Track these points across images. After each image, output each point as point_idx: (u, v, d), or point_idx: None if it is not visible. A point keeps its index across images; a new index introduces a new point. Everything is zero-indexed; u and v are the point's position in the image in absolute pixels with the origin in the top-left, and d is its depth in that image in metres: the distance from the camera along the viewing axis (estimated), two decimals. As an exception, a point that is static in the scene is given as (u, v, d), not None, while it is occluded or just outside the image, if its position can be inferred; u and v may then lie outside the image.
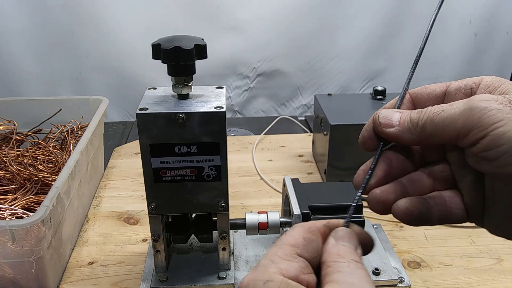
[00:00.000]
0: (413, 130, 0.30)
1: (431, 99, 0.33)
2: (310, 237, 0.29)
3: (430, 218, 0.31)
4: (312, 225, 0.30)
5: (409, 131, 0.30)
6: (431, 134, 0.29)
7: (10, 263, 0.54)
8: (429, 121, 0.29)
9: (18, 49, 1.15)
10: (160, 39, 0.48)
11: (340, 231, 0.29)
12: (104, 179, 0.86)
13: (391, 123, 0.31)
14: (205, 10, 1.15)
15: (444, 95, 0.33)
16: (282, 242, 0.29)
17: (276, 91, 1.29)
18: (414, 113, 0.30)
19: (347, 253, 0.28)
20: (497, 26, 1.25)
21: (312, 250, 0.28)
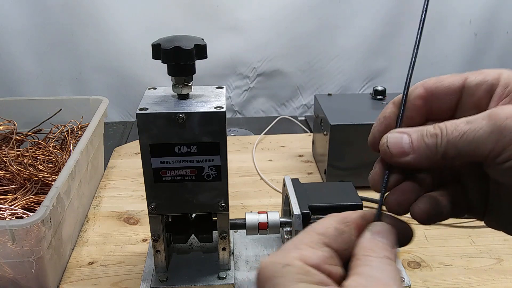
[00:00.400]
0: (431, 157, 0.27)
1: (449, 95, 0.30)
2: (343, 228, 0.28)
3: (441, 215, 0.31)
4: (347, 215, 0.28)
5: (426, 158, 0.27)
6: (453, 158, 0.27)
7: (10, 263, 0.54)
8: (451, 147, 0.26)
9: (18, 49, 1.15)
10: (160, 39, 0.48)
11: (378, 225, 0.28)
12: (104, 179, 0.86)
13: (404, 151, 0.28)
14: (205, 10, 1.15)
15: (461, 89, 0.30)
16: (311, 229, 0.27)
17: (276, 91, 1.29)
18: (428, 137, 0.27)
19: (381, 249, 0.26)
20: (497, 26, 1.25)
21: (342, 241, 0.27)
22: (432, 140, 0.27)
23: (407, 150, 0.27)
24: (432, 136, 0.27)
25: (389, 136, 0.29)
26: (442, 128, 0.27)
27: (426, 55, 1.25)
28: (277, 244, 0.65)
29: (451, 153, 0.26)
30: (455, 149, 0.26)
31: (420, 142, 0.27)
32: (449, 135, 0.26)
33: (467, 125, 0.26)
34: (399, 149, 0.28)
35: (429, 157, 0.27)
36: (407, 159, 0.28)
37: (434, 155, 0.27)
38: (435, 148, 0.27)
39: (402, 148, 0.28)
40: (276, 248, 0.64)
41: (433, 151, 0.27)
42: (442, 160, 0.27)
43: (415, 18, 1.20)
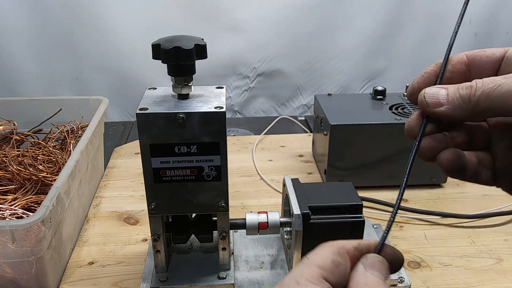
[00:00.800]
0: (464, 107, 0.28)
1: (490, 63, 0.32)
2: (339, 260, 0.28)
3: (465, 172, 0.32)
4: (342, 246, 0.29)
5: (460, 108, 0.29)
6: (486, 109, 0.28)
7: (10, 263, 0.54)
8: (484, 97, 0.28)
9: (18, 49, 1.15)
10: (160, 39, 0.48)
11: (370, 258, 0.28)
12: (104, 179, 0.86)
13: (439, 102, 0.29)
14: (205, 10, 1.15)
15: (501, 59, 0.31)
16: (309, 261, 0.28)
17: (276, 91, 1.29)
18: (463, 88, 0.29)
19: (374, 283, 0.27)
20: (497, 26, 1.25)
21: (339, 274, 0.28)
22: (466, 91, 0.28)
23: (443, 101, 0.29)
24: (467, 88, 0.28)
25: (428, 89, 0.30)
26: (478, 80, 0.28)
27: (426, 55, 1.25)
28: (277, 244, 0.65)
29: (484, 103, 0.28)
30: (488, 99, 0.27)
31: (455, 93, 0.29)
32: (485, 86, 0.28)
33: (503, 79, 0.27)
34: (435, 100, 0.29)
35: (462, 107, 0.28)
36: (442, 109, 0.29)
37: (467, 106, 0.28)
38: (469, 98, 0.28)
39: (438, 99, 0.29)
40: (276, 248, 0.64)
41: (466, 100, 0.28)
42: (475, 110, 0.28)
43: (415, 18, 1.21)
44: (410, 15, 1.20)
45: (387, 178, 0.80)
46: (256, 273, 0.60)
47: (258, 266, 0.61)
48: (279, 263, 0.61)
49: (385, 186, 0.80)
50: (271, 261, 0.62)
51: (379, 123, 0.76)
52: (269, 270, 0.60)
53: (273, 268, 0.61)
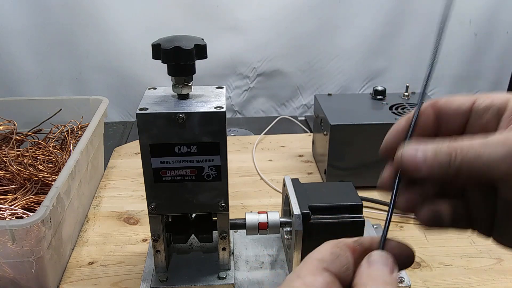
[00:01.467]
0: (444, 174, 0.28)
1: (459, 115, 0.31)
2: (338, 251, 0.28)
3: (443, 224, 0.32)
4: (341, 240, 0.29)
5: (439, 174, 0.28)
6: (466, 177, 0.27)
7: (10, 263, 0.54)
8: (465, 166, 0.27)
9: (18, 49, 1.15)
10: (160, 39, 0.48)
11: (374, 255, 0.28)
12: (104, 179, 0.86)
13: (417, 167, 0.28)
14: (205, 10, 1.16)
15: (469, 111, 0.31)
16: (308, 257, 0.28)
17: (276, 91, 1.29)
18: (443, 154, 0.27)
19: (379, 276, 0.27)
20: (497, 26, 1.25)
21: (340, 264, 0.28)
22: (446, 158, 0.27)
23: (421, 166, 0.28)
24: (446, 154, 0.27)
25: (404, 150, 0.29)
26: (457, 146, 0.27)
27: (426, 56, 1.24)
28: (277, 244, 0.65)
29: (465, 172, 0.27)
30: (469, 169, 0.27)
31: (434, 158, 0.28)
32: (464, 154, 0.27)
33: (482, 147, 0.26)
34: (414, 164, 0.28)
35: (442, 174, 0.28)
36: (421, 174, 0.28)
37: (446, 172, 0.27)
38: (449, 165, 0.27)
39: (416, 164, 0.28)
40: (276, 248, 0.64)
41: (446, 168, 0.27)
42: (454, 177, 0.27)
43: (415, 18, 1.21)
44: (410, 15, 1.20)
45: (387, 178, 0.80)
46: (256, 273, 0.60)
47: (258, 266, 0.61)
48: (279, 263, 0.61)
49: (385, 186, 0.80)
50: (271, 261, 0.62)
51: (379, 123, 0.76)
52: (269, 270, 0.60)
53: (273, 268, 0.61)
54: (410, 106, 0.83)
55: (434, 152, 0.28)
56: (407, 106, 0.83)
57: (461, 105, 0.31)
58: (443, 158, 0.27)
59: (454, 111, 0.31)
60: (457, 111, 0.31)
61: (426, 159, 0.28)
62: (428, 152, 0.28)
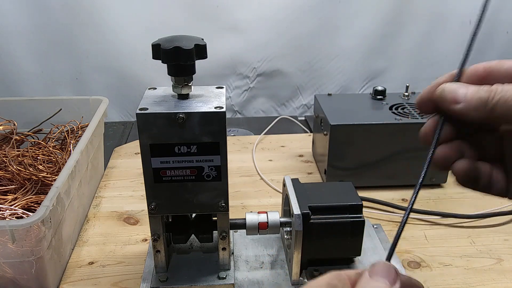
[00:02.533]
0: (481, 109, 0.28)
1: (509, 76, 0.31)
2: (335, 283, 0.28)
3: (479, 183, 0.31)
4: (343, 272, 0.29)
5: (476, 109, 0.28)
6: (502, 115, 0.28)
7: (10, 263, 0.54)
8: (502, 102, 0.27)
9: (18, 49, 1.15)
10: (160, 39, 0.48)
11: (376, 265, 0.28)
12: (104, 179, 0.86)
13: (457, 99, 0.29)
14: (205, 10, 1.15)
15: None
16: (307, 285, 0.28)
17: (276, 91, 1.29)
18: (483, 91, 0.28)
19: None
20: (497, 26, 1.25)
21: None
22: (486, 94, 0.28)
23: (460, 99, 0.29)
24: (487, 91, 0.28)
25: (448, 84, 0.30)
26: (499, 85, 0.28)
27: (426, 55, 1.25)
28: (277, 244, 0.65)
29: (500, 109, 0.28)
30: (505, 106, 0.27)
31: (474, 94, 0.29)
32: (504, 92, 0.28)
33: None
34: (453, 96, 0.29)
35: (479, 108, 0.28)
36: (458, 107, 0.29)
37: (483, 108, 0.28)
38: (487, 101, 0.28)
39: (456, 96, 0.29)
40: (276, 248, 0.64)
41: (483, 103, 0.28)
42: (490, 114, 0.28)
43: (415, 18, 1.21)
44: (410, 15, 1.20)
45: (387, 178, 0.80)
46: (256, 273, 0.60)
47: (258, 266, 0.61)
48: (279, 263, 0.61)
49: (385, 186, 0.80)
50: (271, 261, 0.62)
51: (379, 123, 0.76)
52: (269, 270, 0.60)
53: (273, 268, 0.61)
54: (410, 106, 0.83)
55: (476, 88, 0.29)
56: (407, 106, 0.83)
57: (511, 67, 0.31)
58: (483, 94, 0.28)
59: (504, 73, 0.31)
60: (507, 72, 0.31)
61: (467, 93, 0.29)
62: (470, 88, 0.29)
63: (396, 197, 0.78)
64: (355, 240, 0.57)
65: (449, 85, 0.30)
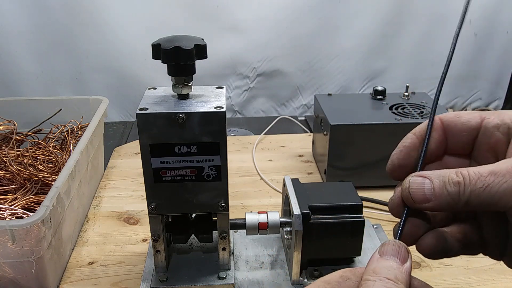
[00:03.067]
0: (453, 205, 0.27)
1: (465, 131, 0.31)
2: (348, 275, 0.28)
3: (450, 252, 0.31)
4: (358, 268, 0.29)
5: (448, 205, 0.27)
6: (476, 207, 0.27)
7: (10, 263, 0.54)
8: (474, 197, 0.26)
9: (18, 49, 1.15)
10: (160, 39, 0.48)
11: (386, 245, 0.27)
12: (104, 179, 0.86)
13: (426, 198, 0.27)
14: (205, 10, 1.16)
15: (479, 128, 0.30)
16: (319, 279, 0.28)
17: (276, 91, 1.29)
18: (451, 185, 0.27)
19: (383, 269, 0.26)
20: (497, 26, 1.25)
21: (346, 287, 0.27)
22: (454, 189, 0.27)
23: (429, 197, 0.27)
24: (455, 185, 0.27)
25: (411, 181, 0.28)
26: (465, 176, 0.26)
27: (426, 55, 1.25)
28: (277, 244, 0.65)
29: (474, 203, 0.26)
30: (478, 199, 0.26)
31: (442, 189, 0.27)
32: (473, 185, 0.26)
33: (491, 177, 0.26)
34: (421, 195, 0.28)
35: (451, 204, 0.27)
36: (429, 205, 0.27)
37: (456, 203, 0.27)
38: (458, 196, 0.26)
39: (424, 195, 0.27)
40: (276, 248, 0.64)
41: (455, 199, 0.27)
42: (464, 208, 0.27)
43: (415, 18, 1.21)
44: (410, 15, 1.21)
45: (387, 178, 0.79)
46: (256, 273, 0.60)
47: (258, 266, 0.61)
48: (279, 263, 0.61)
49: (385, 186, 0.80)
50: (271, 261, 0.62)
51: (379, 123, 0.76)
52: (269, 270, 0.60)
53: (273, 268, 0.61)
54: (410, 106, 0.83)
55: (442, 182, 0.27)
56: (407, 106, 0.83)
57: (468, 121, 0.31)
58: (452, 189, 0.27)
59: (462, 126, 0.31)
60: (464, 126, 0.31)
61: (434, 189, 0.27)
62: (435, 182, 0.27)
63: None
64: (355, 240, 0.57)
65: (413, 182, 0.28)
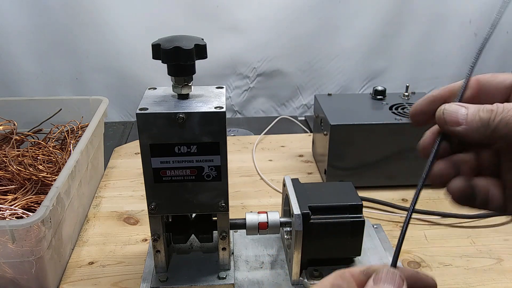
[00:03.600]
0: (482, 131, 0.28)
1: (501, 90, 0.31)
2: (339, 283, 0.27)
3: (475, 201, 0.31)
4: (347, 270, 0.28)
5: (477, 131, 0.28)
6: (503, 136, 0.27)
7: (10, 263, 0.54)
8: (503, 123, 0.27)
9: (18, 49, 1.15)
10: (160, 39, 0.48)
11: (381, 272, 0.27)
12: (104, 179, 0.86)
13: (458, 121, 0.29)
14: (205, 10, 1.15)
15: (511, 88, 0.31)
16: None
17: (276, 91, 1.29)
18: (484, 111, 0.28)
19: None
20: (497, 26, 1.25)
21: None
22: (486, 115, 0.28)
23: (461, 120, 0.28)
24: (488, 111, 0.28)
25: (447, 105, 0.29)
26: (500, 106, 0.28)
27: (426, 55, 1.25)
28: (277, 244, 0.65)
29: (502, 130, 0.27)
30: (507, 127, 0.27)
31: (475, 115, 0.28)
32: (505, 113, 0.27)
33: None
34: (454, 118, 0.29)
35: (480, 130, 0.28)
36: (459, 129, 0.28)
37: (485, 129, 0.28)
38: (488, 123, 0.28)
39: (457, 118, 0.29)
40: (276, 248, 0.64)
41: (485, 124, 0.28)
42: (492, 135, 0.28)
43: (415, 18, 1.21)
44: (410, 15, 1.20)
45: (387, 178, 0.80)
46: (256, 273, 0.60)
47: (258, 266, 0.61)
48: (279, 263, 0.61)
49: (385, 186, 0.80)
50: (271, 261, 0.62)
51: (379, 123, 0.76)
52: (269, 270, 0.60)
53: (273, 268, 0.61)
54: (410, 106, 0.83)
55: (476, 109, 0.28)
56: (407, 106, 0.83)
57: (503, 81, 0.31)
58: (484, 115, 0.28)
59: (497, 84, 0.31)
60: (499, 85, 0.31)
61: (468, 114, 0.28)
62: (470, 109, 0.28)
63: (396, 197, 0.78)
64: (355, 240, 0.57)
65: (449, 106, 0.29)
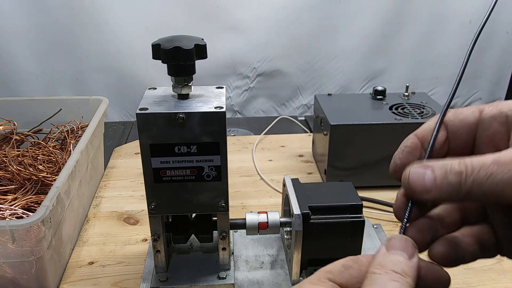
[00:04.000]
0: (454, 195, 0.25)
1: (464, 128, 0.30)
2: (350, 264, 0.27)
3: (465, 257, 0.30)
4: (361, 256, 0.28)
5: (449, 196, 0.26)
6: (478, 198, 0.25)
7: (10, 263, 0.54)
8: (476, 187, 0.25)
9: (18, 49, 1.15)
10: (160, 39, 0.48)
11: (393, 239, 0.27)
12: (104, 179, 0.86)
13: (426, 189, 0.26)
14: (205, 10, 1.16)
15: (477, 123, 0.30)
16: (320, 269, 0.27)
17: (276, 91, 1.29)
18: (452, 174, 0.25)
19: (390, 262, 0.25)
20: (497, 26, 1.25)
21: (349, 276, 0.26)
22: (456, 178, 0.25)
23: (429, 187, 0.26)
24: (457, 174, 0.25)
25: (412, 171, 0.27)
26: (468, 165, 0.25)
27: (426, 55, 1.25)
28: (277, 244, 0.65)
29: (476, 193, 0.25)
30: (480, 190, 0.25)
31: (444, 179, 0.26)
32: (475, 174, 0.25)
33: (494, 166, 0.24)
34: (421, 186, 0.26)
35: (452, 195, 0.26)
36: (429, 197, 0.26)
37: (457, 194, 0.25)
38: (459, 186, 0.25)
39: (425, 185, 0.26)
40: (276, 248, 0.64)
41: (456, 189, 0.25)
42: (465, 199, 0.26)
43: (415, 18, 1.21)
44: (410, 15, 1.20)
45: (387, 178, 0.80)
46: (256, 273, 0.60)
47: (258, 266, 0.61)
48: (279, 263, 0.61)
49: (385, 186, 0.80)
50: (271, 261, 0.62)
51: (379, 123, 0.76)
52: (269, 270, 0.60)
53: (273, 268, 0.61)
54: (410, 106, 0.83)
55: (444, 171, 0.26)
56: (407, 106, 0.83)
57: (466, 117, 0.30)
58: (453, 178, 0.25)
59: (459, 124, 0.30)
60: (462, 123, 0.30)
61: (436, 179, 0.26)
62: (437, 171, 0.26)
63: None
64: (355, 240, 0.57)
65: (414, 171, 0.27)
